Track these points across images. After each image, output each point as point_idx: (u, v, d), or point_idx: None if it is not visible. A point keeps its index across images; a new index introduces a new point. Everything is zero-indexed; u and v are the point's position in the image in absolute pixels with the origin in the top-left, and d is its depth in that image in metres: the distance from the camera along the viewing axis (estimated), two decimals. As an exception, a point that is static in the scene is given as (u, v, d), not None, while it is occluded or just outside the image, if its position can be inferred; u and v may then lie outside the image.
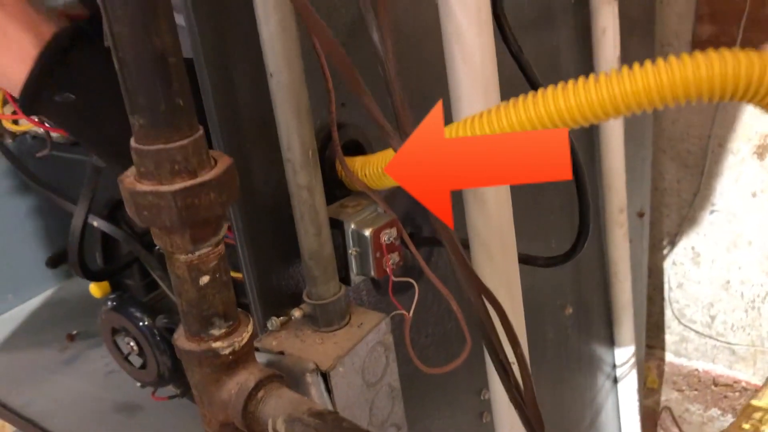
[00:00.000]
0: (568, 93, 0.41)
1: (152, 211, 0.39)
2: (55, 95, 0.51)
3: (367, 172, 0.52)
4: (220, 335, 0.44)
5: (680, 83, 0.38)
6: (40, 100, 0.51)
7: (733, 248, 1.57)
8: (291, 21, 0.44)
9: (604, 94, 0.41)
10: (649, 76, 0.39)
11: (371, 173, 0.52)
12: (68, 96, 0.51)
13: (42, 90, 0.51)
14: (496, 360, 0.41)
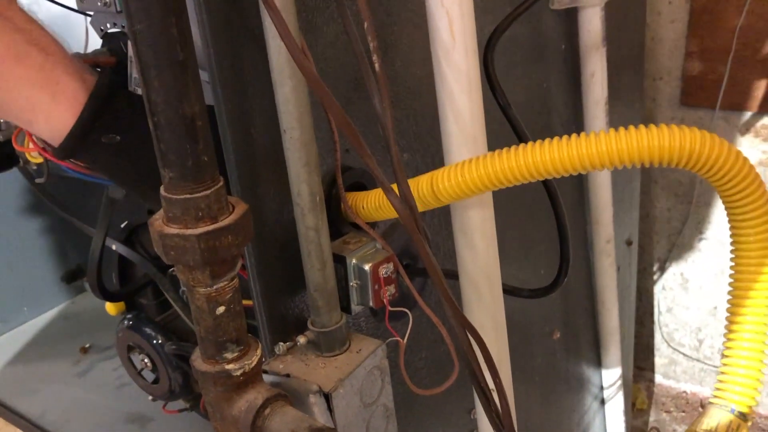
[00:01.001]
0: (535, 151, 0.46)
1: (178, 251, 0.45)
2: (102, 137, 0.55)
3: (364, 206, 0.58)
4: (233, 358, 0.49)
5: (635, 150, 0.43)
6: (86, 142, 0.54)
7: (721, 275, 1.63)
8: (303, 87, 0.50)
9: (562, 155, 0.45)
10: (608, 142, 0.44)
11: (367, 207, 0.58)
12: (114, 137, 0.55)
13: (89, 133, 0.54)
14: (477, 387, 0.46)
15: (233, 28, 0.50)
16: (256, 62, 0.52)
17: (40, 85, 0.53)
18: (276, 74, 0.50)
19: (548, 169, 0.44)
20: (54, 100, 0.54)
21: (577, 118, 1.02)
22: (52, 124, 0.55)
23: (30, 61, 0.52)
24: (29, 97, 0.53)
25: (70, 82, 0.54)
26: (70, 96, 0.54)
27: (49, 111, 0.54)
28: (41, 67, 0.53)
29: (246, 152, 0.54)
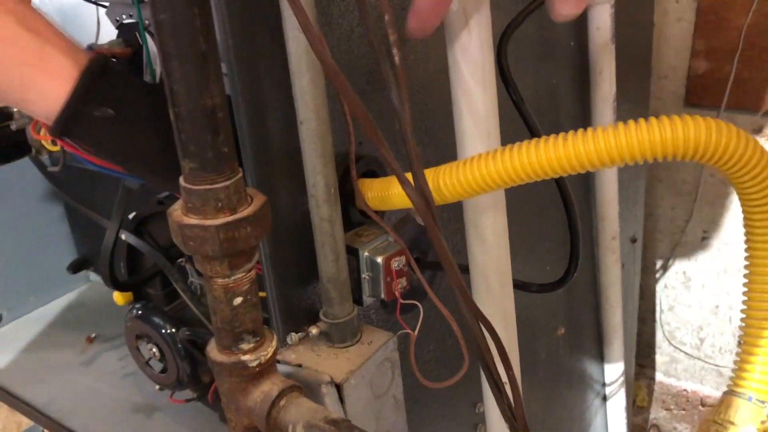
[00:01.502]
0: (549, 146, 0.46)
1: (197, 242, 0.45)
2: (95, 111, 0.55)
3: (370, 195, 0.58)
4: (249, 349, 0.50)
5: (647, 144, 0.43)
6: (80, 117, 0.55)
7: (723, 274, 1.64)
8: (320, 78, 0.50)
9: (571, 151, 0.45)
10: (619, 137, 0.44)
11: (373, 196, 0.58)
12: (107, 110, 0.55)
13: (83, 106, 0.54)
14: (491, 380, 0.47)
15: (251, 19, 0.51)
16: (273, 54, 0.52)
17: (32, 63, 0.53)
18: (294, 65, 0.50)
19: (564, 165, 0.44)
20: (47, 78, 0.54)
21: (585, 115, 1.02)
22: (47, 102, 0.55)
23: (21, 42, 0.53)
24: (22, 77, 0.54)
25: (62, 60, 0.54)
26: (62, 73, 0.54)
27: (43, 89, 0.54)
28: (33, 47, 0.53)
29: (262, 143, 0.54)
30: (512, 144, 0.46)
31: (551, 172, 0.45)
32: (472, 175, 0.47)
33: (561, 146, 0.44)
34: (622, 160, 0.43)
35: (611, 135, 0.43)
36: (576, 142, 0.43)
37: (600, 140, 0.43)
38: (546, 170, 0.45)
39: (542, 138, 0.45)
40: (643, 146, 0.42)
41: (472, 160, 0.47)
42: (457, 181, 0.48)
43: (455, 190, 0.48)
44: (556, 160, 0.44)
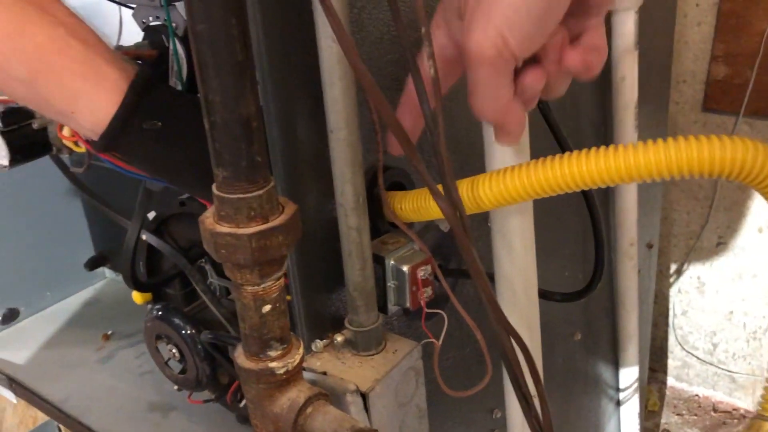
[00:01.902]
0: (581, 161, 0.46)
1: (229, 250, 0.45)
2: (144, 123, 0.55)
3: (403, 206, 0.58)
4: (276, 356, 0.50)
5: (685, 162, 0.43)
6: (128, 129, 0.55)
7: (738, 280, 1.63)
8: (352, 87, 0.50)
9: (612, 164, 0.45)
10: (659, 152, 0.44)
11: (406, 208, 0.58)
12: (155, 123, 0.55)
13: (132, 118, 0.54)
14: (519, 393, 0.47)
15: (285, 28, 0.51)
16: (305, 62, 0.52)
17: (83, 74, 0.54)
18: (326, 75, 0.50)
19: (596, 179, 0.44)
20: (96, 89, 0.54)
21: (606, 121, 1.01)
22: (95, 113, 0.55)
23: (72, 53, 0.53)
24: (72, 88, 0.54)
25: (111, 71, 0.55)
26: (112, 84, 0.55)
27: (92, 100, 0.54)
28: (83, 58, 0.53)
29: (291, 151, 0.54)
30: (552, 156, 0.46)
31: (592, 184, 0.45)
32: (513, 185, 0.47)
33: (611, 158, 0.43)
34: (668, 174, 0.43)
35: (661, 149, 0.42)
36: (619, 155, 0.43)
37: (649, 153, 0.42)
38: (587, 182, 0.44)
39: (584, 150, 0.45)
40: (691, 163, 0.42)
41: (515, 169, 0.47)
42: (497, 190, 0.48)
43: (494, 199, 0.48)
44: (601, 172, 0.44)
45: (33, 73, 0.52)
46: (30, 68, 0.52)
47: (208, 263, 0.91)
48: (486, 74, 0.44)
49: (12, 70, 0.52)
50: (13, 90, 0.55)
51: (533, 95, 0.47)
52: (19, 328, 1.20)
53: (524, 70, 0.45)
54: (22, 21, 0.51)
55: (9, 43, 0.51)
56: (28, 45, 0.51)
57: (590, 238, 1.04)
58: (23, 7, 0.51)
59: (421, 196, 0.57)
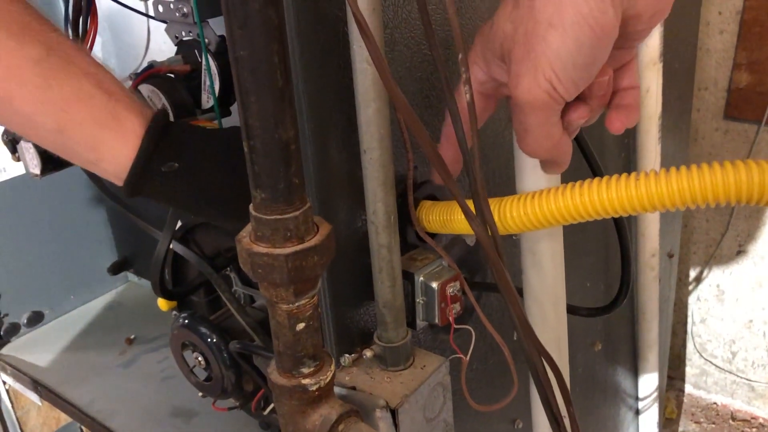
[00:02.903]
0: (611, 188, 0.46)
1: (266, 269, 0.46)
2: (162, 166, 0.56)
3: (431, 219, 0.59)
4: (309, 373, 0.51)
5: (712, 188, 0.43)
6: (148, 173, 0.56)
7: (758, 288, 1.62)
8: (386, 108, 0.51)
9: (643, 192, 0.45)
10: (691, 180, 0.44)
11: (434, 220, 0.59)
12: (172, 165, 0.57)
13: (150, 163, 0.56)
14: (550, 414, 0.47)
15: (320, 50, 0.51)
16: (339, 84, 0.53)
17: (105, 123, 0.55)
18: (360, 96, 0.51)
19: (636, 206, 0.44)
20: (117, 137, 0.56)
21: (629, 132, 1.01)
22: (117, 160, 0.56)
23: (95, 102, 0.54)
24: (95, 136, 0.55)
25: (131, 118, 0.56)
26: (131, 132, 0.56)
27: (113, 147, 0.56)
28: (105, 107, 0.55)
29: (323, 169, 0.55)
30: (582, 181, 0.47)
31: (622, 212, 0.45)
32: (540, 209, 0.47)
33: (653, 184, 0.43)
34: (697, 202, 0.43)
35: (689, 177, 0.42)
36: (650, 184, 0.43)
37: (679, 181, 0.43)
38: (618, 210, 0.45)
39: (614, 177, 0.45)
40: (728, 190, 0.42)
41: (542, 194, 0.48)
42: (524, 213, 0.48)
43: (521, 222, 0.49)
44: (629, 201, 0.44)
45: (60, 124, 0.53)
46: (57, 120, 0.53)
47: (233, 272, 0.92)
48: (537, 119, 0.46)
49: (41, 121, 0.53)
50: (43, 140, 0.56)
51: (577, 128, 0.49)
52: (43, 332, 1.22)
53: (570, 107, 0.47)
54: (50, 74, 0.52)
55: (38, 96, 0.52)
56: (56, 97, 0.53)
57: (612, 249, 1.04)
58: (52, 60, 0.52)
59: (449, 208, 0.57)
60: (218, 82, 0.68)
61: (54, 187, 1.16)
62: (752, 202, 0.42)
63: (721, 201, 0.43)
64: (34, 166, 0.83)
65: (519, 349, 0.57)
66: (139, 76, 0.69)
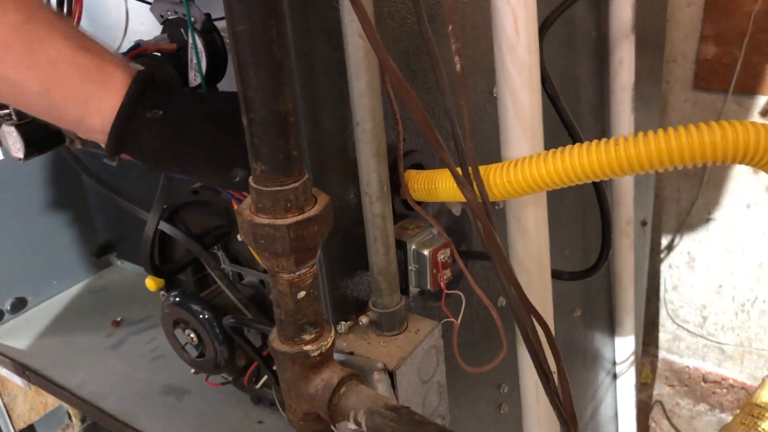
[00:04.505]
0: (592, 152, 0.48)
1: (268, 240, 0.48)
2: (146, 112, 0.58)
3: (416, 187, 0.61)
4: (310, 340, 0.52)
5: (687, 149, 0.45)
6: (133, 119, 0.58)
7: (727, 254, 1.67)
8: (377, 81, 0.52)
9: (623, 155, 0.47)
10: (660, 142, 0.46)
11: (419, 188, 0.61)
12: (157, 112, 0.58)
13: (135, 109, 0.58)
14: (540, 370, 0.50)
15: (311, 24, 0.53)
16: (331, 58, 0.54)
17: (91, 78, 0.57)
18: (352, 69, 0.52)
19: (616, 168, 0.47)
20: (105, 89, 0.58)
21: (604, 103, 1.04)
22: (104, 113, 0.58)
23: (80, 60, 0.56)
24: (84, 91, 0.57)
25: (116, 71, 0.58)
26: (118, 81, 0.58)
27: (101, 100, 0.58)
28: (90, 64, 0.57)
29: (317, 143, 0.56)
30: (564, 147, 0.49)
31: (603, 175, 0.47)
32: (524, 175, 0.49)
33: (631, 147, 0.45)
34: (674, 164, 0.45)
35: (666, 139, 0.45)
36: (629, 147, 0.46)
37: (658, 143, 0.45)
38: (599, 174, 0.47)
39: (594, 142, 0.48)
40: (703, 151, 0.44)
41: (529, 161, 0.50)
42: (509, 180, 0.50)
43: (506, 189, 0.51)
44: (609, 163, 0.46)
45: (46, 84, 0.55)
46: (43, 80, 0.55)
47: (220, 250, 0.93)
48: None
49: (27, 84, 0.55)
50: (28, 103, 0.58)
51: None
52: (27, 317, 1.22)
53: None
54: (33, 38, 0.54)
55: (23, 59, 0.54)
56: (41, 59, 0.54)
57: (589, 218, 1.08)
58: (34, 25, 0.54)
59: (433, 177, 0.59)
60: (205, 60, 0.69)
61: (34, 172, 1.15)
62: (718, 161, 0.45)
63: (697, 161, 0.46)
64: (17, 150, 0.83)
65: (505, 314, 0.60)
66: (126, 54, 0.69)
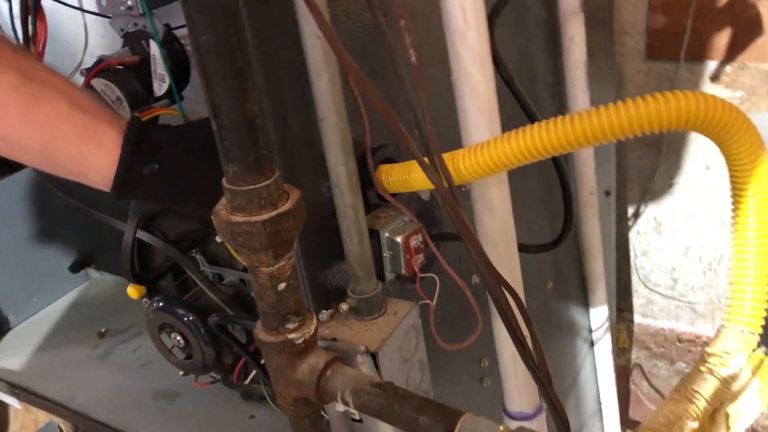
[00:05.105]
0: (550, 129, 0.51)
1: (245, 237, 0.50)
2: (143, 169, 0.60)
3: (391, 180, 0.64)
4: (294, 328, 0.55)
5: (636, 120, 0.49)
6: (131, 178, 0.60)
7: (692, 216, 1.73)
8: (337, 78, 0.55)
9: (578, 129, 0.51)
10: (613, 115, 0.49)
11: (393, 180, 0.63)
12: (153, 167, 0.60)
13: (132, 169, 0.60)
14: (514, 336, 0.53)
15: (270, 32, 0.55)
16: (290, 58, 0.56)
17: (86, 138, 0.59)
18: (313, 69, 0.55)
19: (573, 142, 0.50)
20: (99, 149, 0.60)
21: (558, 81, 1.08)
22: (102, 171, 0.60)
23: (74, 119, 0.58)
24: (79, 151, 0.59)
25: (108, 130, 0.60)
26: (110, 142, 0.60)
27: (96, 159, 0.60)
28: (84, 123, 0.59)
29: (285, 140, 0.59)
30: (524, 127, 0.52)
31: (561, 150, 0.50)
32: (490, 156, 0.52)
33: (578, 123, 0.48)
34: (625, 134, 0.48)
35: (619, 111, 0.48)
36: (583, 121, 0.49)
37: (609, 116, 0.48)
38: (557, 148, 0.50)
39: (551, 120, 0.51)
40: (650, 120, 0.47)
41: (490, 144, 0.53)
42: (476, 163, 0.53)
43: (474, 170, 0.54)
44: (566, 138, 0.49)
45: (44, 143, 0.57)
46: (41, 139, 0.57)
47: (198, 253, 0.95)
48: None
49: (25, 142, 0.57)
50: (29, 159, 0.60)
51: None
52: (11, 336, 1.22)
53: None
54: (29, 98, 0.56)
55: (21, 118, 0.56)
56: (37, 118, 0.56)
57: (555, 193, 1.11)
58: (29, 86, 0.56)
59: (405, 169, 0.62)
60: (165, 70, 0.71)
61: (6, 190, 1.16)
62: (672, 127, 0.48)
63: (646, 130, 0.49)
64: (-11, 171, 0.84)
65: (479, 292, 0.63)
66: (91, 71, 0.71)
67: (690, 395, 0.48)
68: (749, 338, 0.50)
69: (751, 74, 1.49)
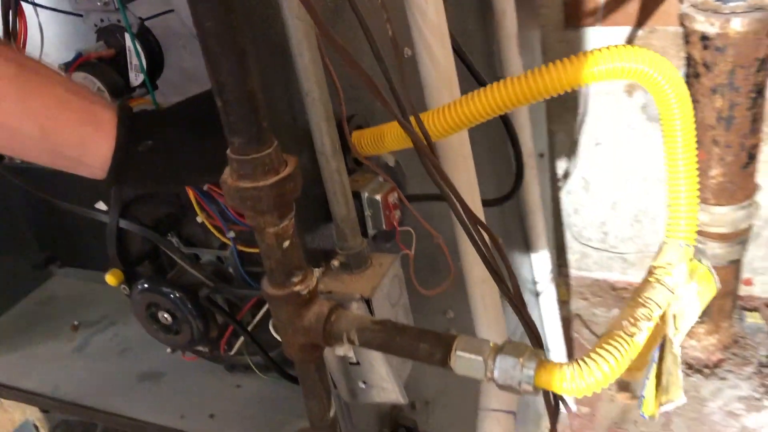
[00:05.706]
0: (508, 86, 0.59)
1: (254, 200, 0.56)
2: (138, 146, 0.64)
3: (362, 143, 0.71)
4: (298, 281, 0.61)
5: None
6: (128, 155, 0.64)
7: (617, 174, 1.87)
8: (317, 56, 0.61)
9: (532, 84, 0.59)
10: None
11: (365, 143, 0.70)
12: (147, 143, 0.65)
13: (129, 146, 0.64)
14: (497, 278, 0.61)
15: (251, 12, 0.61)
16: (271, 39, 0.63)
17: (86, 121, 0.63)
18: (295, 48, 0.61)
19: (527, 97, 0.58)
20: (98, 131, 0.64)
21: (493, 51, 1.17)
22: (100, 151, 0.64)
23: (73, 105, 0.62)
24: (80, 134, 0.63)
25: (105, 113, 0.64)
26: (108, 123, 0.64)
27: (96, 141, 0.64)
28: (82, 107, 0.63)
29: (272, 115, 0.65)
30: (483, 88, 0.60)
31: (518, 104, 0.58)
32: (457, 114, 0.60)
33: (529, 83, 0.57)
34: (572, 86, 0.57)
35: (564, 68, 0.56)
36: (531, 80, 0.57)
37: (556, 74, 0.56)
38: (511, 104, 0.58)
39: (504, 81, 0.59)
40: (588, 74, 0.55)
41: (455, 103, 0.60)
42: (444, 120, 0.61)
43: (443, 128, 0.61)
44: (522, 94, 0.57)
45: (44, 129, 0.60)
46: (41, 125, 0.60)
47: (174, 236, 1.00)
48: None
49: (25, 130, 0.60)
50: (27, 148, 0.63)
51: None
52: (-20, 338, 1.23)
53: None
54: (27, 87, 0.59)
55: (20, 106, 0.59)
56: (37, 105, 0.60)
57: (498, 155, 1.21)
58: (26, 75, 0.59)
59: (379, 132, 0.69)
60: (145, 59, 0.75)
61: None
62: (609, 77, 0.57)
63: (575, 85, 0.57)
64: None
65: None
66: (71, 65, 0.75)
67: (643, 301, 0.57)
68: (686, 250, 0.59)
69: (660, 36, 1.62)
